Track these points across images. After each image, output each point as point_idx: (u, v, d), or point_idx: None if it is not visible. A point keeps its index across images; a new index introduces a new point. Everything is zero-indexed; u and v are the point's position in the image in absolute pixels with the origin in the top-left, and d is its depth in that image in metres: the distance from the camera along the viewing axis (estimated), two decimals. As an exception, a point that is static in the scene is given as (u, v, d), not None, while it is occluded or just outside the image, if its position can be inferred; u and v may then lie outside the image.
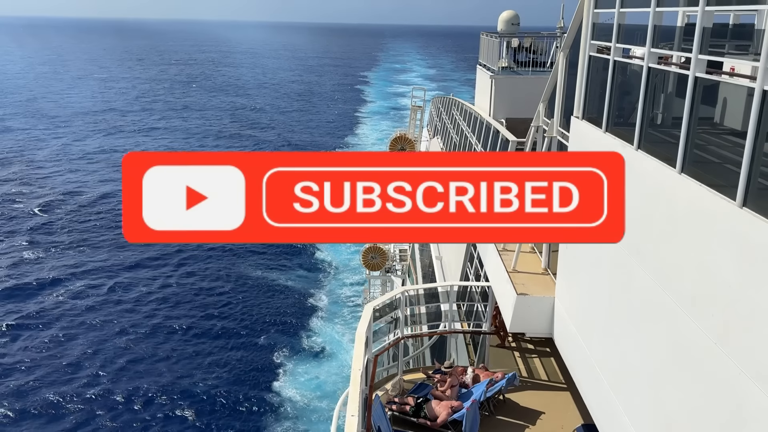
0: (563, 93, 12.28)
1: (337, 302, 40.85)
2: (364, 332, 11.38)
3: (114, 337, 35.83)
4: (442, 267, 22.05)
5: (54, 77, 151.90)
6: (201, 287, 42.66)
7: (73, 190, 61.31)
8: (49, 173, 66.88)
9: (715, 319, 6.34)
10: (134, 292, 41.45)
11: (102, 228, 51.41)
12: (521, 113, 19.74)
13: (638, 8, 8.74)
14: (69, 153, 75.94)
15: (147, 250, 46.75)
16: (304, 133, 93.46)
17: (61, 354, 34.16)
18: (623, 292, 8.68)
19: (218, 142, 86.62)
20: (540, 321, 12.10)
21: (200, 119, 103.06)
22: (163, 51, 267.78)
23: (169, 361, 33.74)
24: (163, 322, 37.71)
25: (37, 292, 40.95)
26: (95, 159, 73.22)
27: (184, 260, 46.64)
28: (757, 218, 5.76)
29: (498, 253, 14.18)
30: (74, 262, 45.31)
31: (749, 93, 6.00)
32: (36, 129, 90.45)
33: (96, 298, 40.36)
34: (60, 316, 38.22)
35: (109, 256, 46.51)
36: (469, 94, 78.09)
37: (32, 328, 36.72)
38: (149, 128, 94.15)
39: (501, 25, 24.62)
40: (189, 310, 39.52)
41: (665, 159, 7.54)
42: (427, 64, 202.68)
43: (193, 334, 36.63)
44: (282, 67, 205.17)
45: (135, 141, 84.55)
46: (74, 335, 36.06)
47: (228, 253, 47.98)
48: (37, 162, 71.40)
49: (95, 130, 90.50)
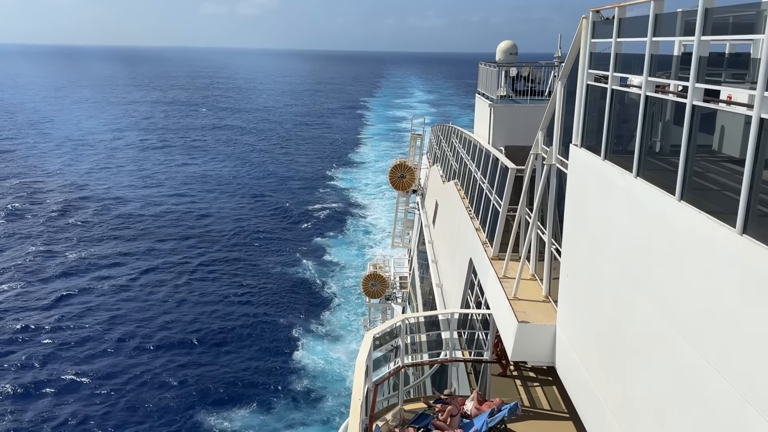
0: (562, 121, 12.36)
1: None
2: (364, 361, 11.28)
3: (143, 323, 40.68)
4: (442, 294, 21.95)
5: (76, 102, 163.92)
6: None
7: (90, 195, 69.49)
8: (87, 181, 76.35)
9: (718, 347, 6.29)
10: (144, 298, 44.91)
11: (123, 227, 59.34)
12: (520, 141, 19.85)
13: (635, 38, 8.84)
14: (101, 165, 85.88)
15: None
16: (309, 151, 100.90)
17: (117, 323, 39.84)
18: (625, 320, 8.62)
19: (228, 159, 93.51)
20: (541, 349, 11.99)
21: (210, 138, 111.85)
22: (169, 76, 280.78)
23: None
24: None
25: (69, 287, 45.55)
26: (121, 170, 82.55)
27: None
28: (758, 245, 5.75)
29: (499, 280, 14.12)
30: (109, 256, 51.87)
31: (747, 121, 6.04)
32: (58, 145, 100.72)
33: (129, 287, 45.90)
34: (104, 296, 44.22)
35: (143, 249, 53.33)
36: (467, 117, 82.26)
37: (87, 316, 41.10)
38: (163, 145, 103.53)
39: (499, 54, 24.91)
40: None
41: (664, 186, 7.55)
42: (427, 88, 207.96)
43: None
44: (284, 90, 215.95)
45: (152, 155, 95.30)
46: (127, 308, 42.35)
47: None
48: (74, 169, 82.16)
49: (120, 145, 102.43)
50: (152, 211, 64.56)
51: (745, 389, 5.81)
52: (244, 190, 74.86)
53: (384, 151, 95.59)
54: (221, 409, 31.78)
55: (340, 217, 64.55)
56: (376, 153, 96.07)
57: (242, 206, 67.94)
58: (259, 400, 32.51)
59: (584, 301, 10.52)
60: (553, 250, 12.86)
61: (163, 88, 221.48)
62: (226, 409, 31.84)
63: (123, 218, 61.89)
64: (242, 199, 70.86)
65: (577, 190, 10.96)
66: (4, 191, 70.13)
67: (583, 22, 10.73)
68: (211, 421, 30.80)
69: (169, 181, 77.98)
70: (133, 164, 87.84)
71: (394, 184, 35.04)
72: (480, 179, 19.13)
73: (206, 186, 76.66)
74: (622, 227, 8.80)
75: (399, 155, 40.14)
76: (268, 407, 32.06)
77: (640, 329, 8.08)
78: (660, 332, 7.45)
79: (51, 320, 40.49)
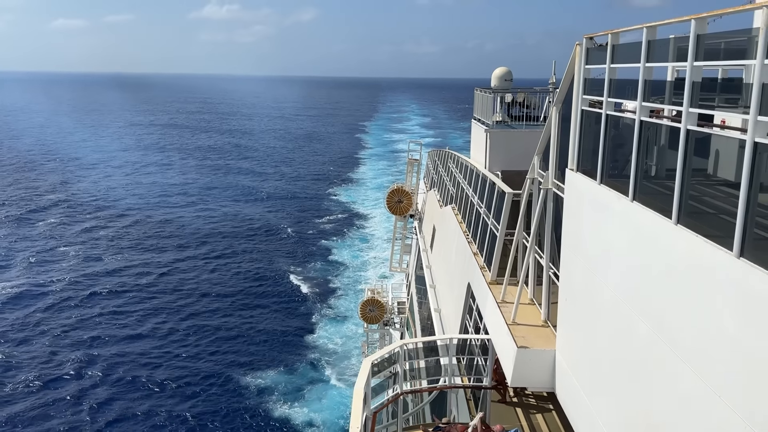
0: (557, 146, 12.43)
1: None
2: (363, 388, 11.17)
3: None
4: (441, 319, 21.83)
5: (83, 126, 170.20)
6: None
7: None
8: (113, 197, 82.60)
9: (718, 371, 6.25)
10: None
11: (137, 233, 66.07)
12: (516, 165, 19.93)
13: (628, 64, 8.94)
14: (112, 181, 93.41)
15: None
16: (311, 169, 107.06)
17: (129, 325, 43.56)
18: (624, 345, 8.58)
19: (231, 175, 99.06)
20: (541, 375, 11.90)
21: (212, 158, 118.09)
22: (167, 101, 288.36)
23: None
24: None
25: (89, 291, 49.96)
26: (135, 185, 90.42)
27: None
28: (755, 268, 5.75)
29: (497, 305, 14.06)
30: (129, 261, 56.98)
31: (741, 145, 6.08)
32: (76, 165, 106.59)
33: (146, 288, 50.65)
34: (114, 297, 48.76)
35: (151, 256, 58.44)
36: (462, 140, 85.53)
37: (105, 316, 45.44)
38: (168, 164, 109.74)
39: (495, 81, 25.15)
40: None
41: (661, 210, 7.57)
42: (423, 112, 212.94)
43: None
44: (284, 115, 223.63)
45: (161, 173, 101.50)
46: (138, 307, 46.67)
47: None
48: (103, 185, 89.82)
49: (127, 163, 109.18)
50: (175, 224, 70.41)
51: (745, 414, 5.76)
52: (246, 208, 78.49)
53: (380, 170, 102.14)
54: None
55: (340, 229, 68.93)
56: (373, 171, 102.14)
57: (246, 223, 71.16)
58: (256, 428, 32.13)
59: (583, 325, 10.47)
60: (551, 274, 12.84)
61: (170, 112, 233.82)
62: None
63: (158, 225, 69.19)
64: (242, 219, 73.29)
65: (574, 215, 10.99)
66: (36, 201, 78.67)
67: (576, 49, 10.85)
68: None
69: (183, 196, 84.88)
70: (156, 179, 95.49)
71: (391, 209, 35.07)
72: (477, 204, 19.17)
73: (201, 198, 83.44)
74: (619, 251, 8.80)
75: (397, 181, 40.27)
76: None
77: (640, 354, 8.03)
78: (660, 357, 7.40)
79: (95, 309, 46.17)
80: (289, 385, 36.39)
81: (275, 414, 33.40)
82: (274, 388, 35.94)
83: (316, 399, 34.83)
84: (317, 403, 34.43)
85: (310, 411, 33.61)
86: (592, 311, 9.89)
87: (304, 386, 36.29)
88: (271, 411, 33.66)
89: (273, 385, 36.25)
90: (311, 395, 35.31)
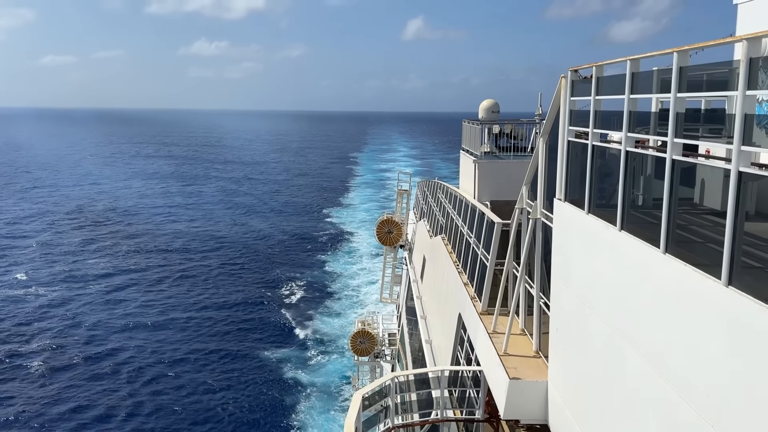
0: (545, 176, 12.54)
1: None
2: (353, 422, 11.01)
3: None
4: (432, 351, 21.65)
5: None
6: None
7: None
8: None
9: (710, 400, 6.22)
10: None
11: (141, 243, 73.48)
12: (505, 195, 20.05)
13: (613, 95, 9.09)
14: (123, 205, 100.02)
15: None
16: (301, 197, 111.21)
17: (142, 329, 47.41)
18: (616, 375, 8.53)
19: (229, 206, 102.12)
20: (534, 407, 11.78)
21: (209, 187, 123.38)
22: (158, 136, 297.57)
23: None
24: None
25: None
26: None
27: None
28: (743, 297, 5.78)
29: (488, 335, 13.99)
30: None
31: (726, 174, 6.16)
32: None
33: (146, 294, 55.25)
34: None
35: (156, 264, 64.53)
36: (449, 170, 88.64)
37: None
38: (166, 193, 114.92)
39: (482, 113, 25.46)
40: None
41: (649, 239, 7.62)
42: (410, 145, 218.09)
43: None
44: (273, 148, 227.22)
45: (160, 201, 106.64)
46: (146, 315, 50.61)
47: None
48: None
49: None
50: (179, 242, 75.26)
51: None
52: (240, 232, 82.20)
53: (368, 196, 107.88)
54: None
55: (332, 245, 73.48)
56: (361, 197, 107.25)
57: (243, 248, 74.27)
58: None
59: (575, 356, 10.42)
60: (541, 304, 12.82)
61: (164, 143, 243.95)
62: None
63: (165, 237, 76.02)
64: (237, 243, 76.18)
65: (563, 244, 11.03)
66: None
67: (562, 81, 11.03)
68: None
69: (184, 216, 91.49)
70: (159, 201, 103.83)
71: (381, 239, 35.04)
72: (467, 234, 19.21)
73: (204, 222, 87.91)
74: (608, 280, 8.81)
75: (386, 211, 40.35)
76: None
77: (632, 384, 7.99)
78: (652, 386, 7.37)
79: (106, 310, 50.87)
80: (277, 417, 35.78)
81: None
82: (261, 420, 35.32)
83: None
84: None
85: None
86: (583, 341, 9.86)
87: (292, 421, 35.68)
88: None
89: (260, 418, 35.63)
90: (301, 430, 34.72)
